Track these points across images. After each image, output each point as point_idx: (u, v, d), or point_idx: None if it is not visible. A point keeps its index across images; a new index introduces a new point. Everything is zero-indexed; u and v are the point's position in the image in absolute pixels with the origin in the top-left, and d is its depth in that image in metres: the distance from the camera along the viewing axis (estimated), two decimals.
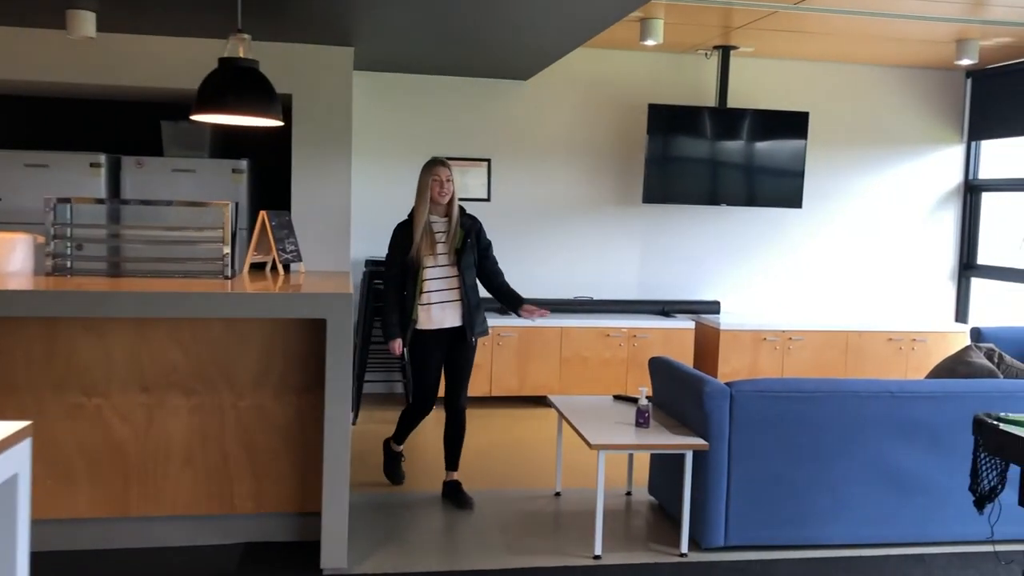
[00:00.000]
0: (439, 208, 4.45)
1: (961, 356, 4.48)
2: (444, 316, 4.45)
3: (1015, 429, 2.74)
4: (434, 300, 4.43)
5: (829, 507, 4.08)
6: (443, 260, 4.44)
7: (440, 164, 4.41)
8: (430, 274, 4.42)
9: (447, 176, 4.40)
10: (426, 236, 4.40)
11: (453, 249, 4.44)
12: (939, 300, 7.99)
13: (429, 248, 4.40)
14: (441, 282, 4.45)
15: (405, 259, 4.41)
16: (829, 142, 7.58)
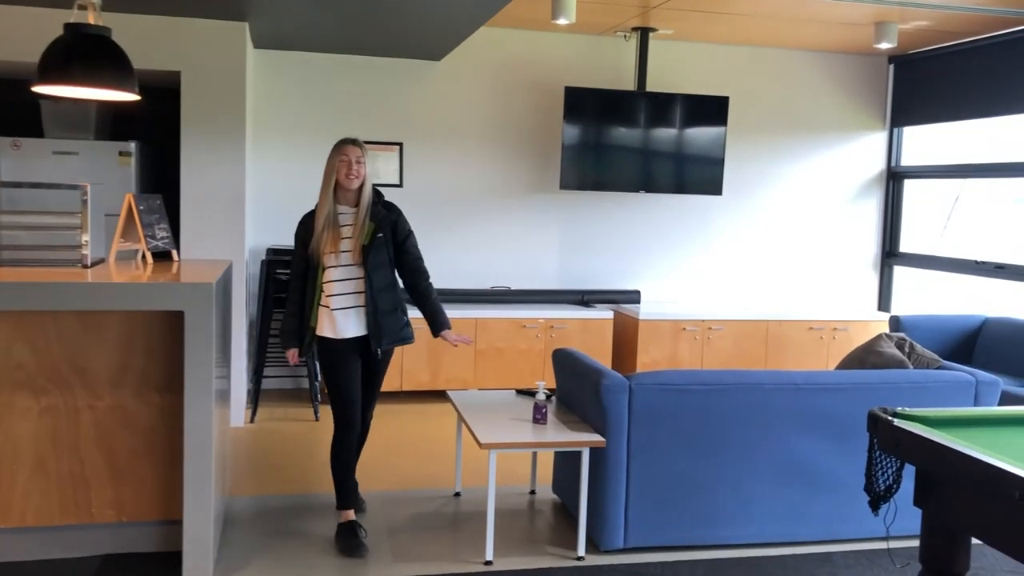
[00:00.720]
0: (348, 195, 3.83)
1: (872, 346, 4.34)
2: (347, 324, 3.84)
3: (910, 425, 2.56)
4: (336, 305, 3.82)
5: (733, 505, 3.90)
6: (347, 259, 3.82)
7: (350, 143, 3.81)
8: (332, 275, 3.82)
9: (357, 156, 3.79)
10: (329, 230, 3.78)
11: (359, 246, 3.81)
12: (861, 289, 7.92)
13: (331, 244, 3.78)
14: (344, 284, 3.83)
15: (306, 257, 3.86)
16: (750, 128, 7.43)
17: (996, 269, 6.70)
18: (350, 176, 3.78)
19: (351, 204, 3.85)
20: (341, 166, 3.78)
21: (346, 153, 3.79)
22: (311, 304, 3.85)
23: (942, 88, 7.18)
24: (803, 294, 7.75)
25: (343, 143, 3.83)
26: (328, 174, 3.81)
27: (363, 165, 3.81)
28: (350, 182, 3.78)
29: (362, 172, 3.80)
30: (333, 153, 3.81)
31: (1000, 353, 6.16)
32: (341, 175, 3.78)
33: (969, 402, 4.10)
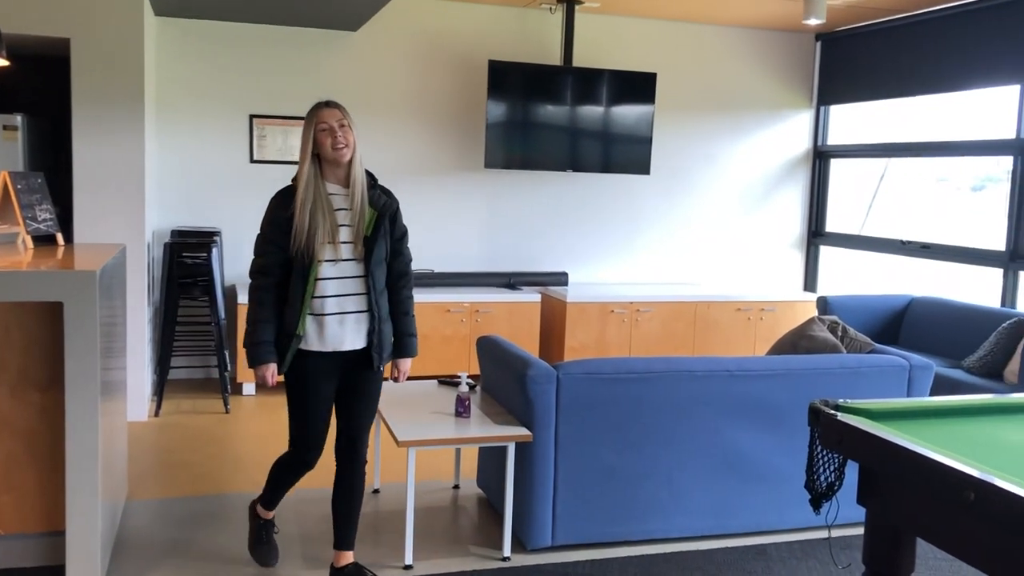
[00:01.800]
0: (337, 172, 3.10)
1: (804, 330, 4.22)
2: (343, 334, 3.11)
3: (853, 419, 2.41)
4: (330, 310, 3.08)
5: (664, 498, 3.73)
6: (347, 252, 3.10)
7: (324, 106, 3.08)
8: (327, 272, 3.07)
9: (339, 120, 3.05)
10: (323, 215, 3.03)
11: (360, 237, 3.10)
12: (788, 269, 7.88)
13: (329, 234, 3.05)
14: (340, 284, 3.09)
15: (286, 246, 3.05)
16: (678, 106, 7.28)
17: (922, 249, 6.70)
18: (338, 146, 3.03)
19: (341, 183, 3.11)
20: (322, 135, 3.04)
21: (324, 119, 3.04)
22: (299, 309, 3.06)
23: (868, 67, 7.14)
24: (731, 275, 7.67)
25: (317, 107, 3.09)
26: (303, 148, 3.07)
27: (350, 130, 3.07)
28: (339, 154, 3.04)
29: (351, 139, 3.06)
30: (307, 123, 3.08)
31: (926, 333, 6.15)
32: (325, 148, 3.04)
33: (903, 386, 4.00)
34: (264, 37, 6.31)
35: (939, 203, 7.78)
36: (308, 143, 3.06)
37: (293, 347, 3.10)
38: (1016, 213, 5.87)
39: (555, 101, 6.64)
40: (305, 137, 3.07)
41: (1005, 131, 5.97)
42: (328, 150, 3.04)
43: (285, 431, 5.20)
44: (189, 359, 6.29)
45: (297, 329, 3.07)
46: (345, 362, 3.19)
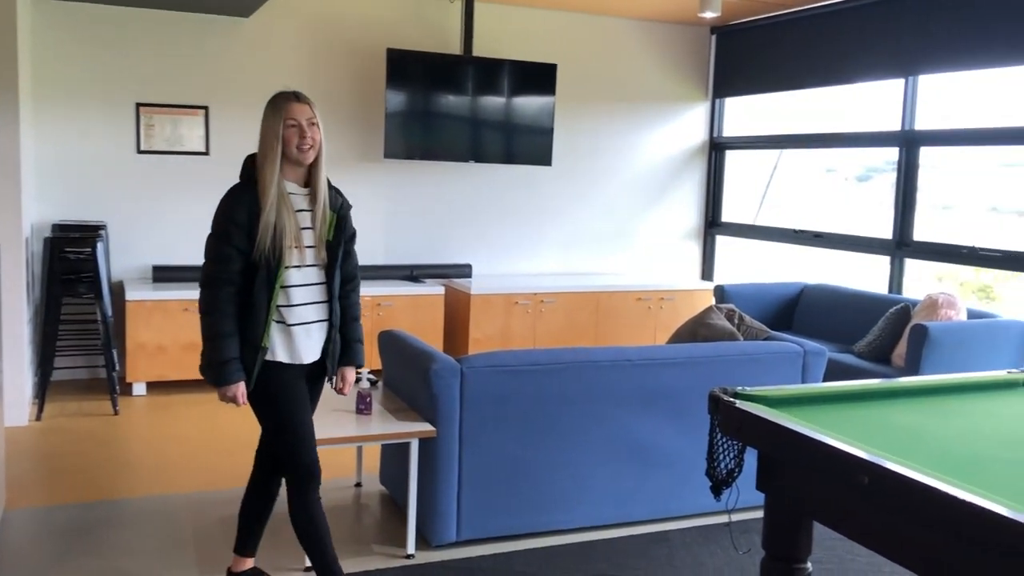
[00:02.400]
0: (297, 172, 2.88)
1: (702, 318, 4.28)
2: (309, 345, 2.90)
3: (752, 406, 2.44)
4: (297, 320, 2.86)
5: (569, 489, 3.73)
6: (310, 258, 2.87)
7: (294, 99, 2.85)
8: (293, 278, 2.84)
9: (309, 118, 2.84)
10: (289, 215, 2.80)
11: (323, 241, 2.90)
12: (686, 258, 8.02)
13: (295, 237, 2.83)
14: (306, 292, 2.87)
15: (249, 251, 2.78)
16: (579, 97, 7.31)
17: (814, 238, 6.91)
18: (304, 147, 2.81)
19: (299, 183, 2.89)
20: (290, 132, 2.80)
21: (294, 115, 2.81)
22: (264, 319, 2.80)
23: (761, 60, 7.31)
24: (632, 265, 7.76)
25: (285, 100, 2.84)
26: (269, 143, 2.80)
27: (318, 128, 2.86)
28: (305, 155, 2.82)
29: (318, 138, 2.85)
30: (272, 115, 2.83)
31: (818, 319, 6.35)
32: (291, 145, 2.80)
33: (798, 371, 4.11)
34: (151, 22, 6.03)
35: (828, 193, 8.05)
36: (276, 139, 2.80)
37: (260, 360, 2.81)
38: (902, 203, 6.10)
39: (456, 91, 6.57)
40: (271, 131, 2.81)
41: (891, 123, 6.19)
42: (293, 149, 2.81)
43: (181, 430, 5.04)
44: (74, 359, 5.98)
45: (263, 341, 2.80)
46: (303, 373, 2.95)
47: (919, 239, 6.03)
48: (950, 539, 1.85)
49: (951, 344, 4.93)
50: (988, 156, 6.09)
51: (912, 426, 2.42)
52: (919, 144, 6.00)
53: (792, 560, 2.45)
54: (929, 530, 1.90)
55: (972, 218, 6.61)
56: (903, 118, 6.08)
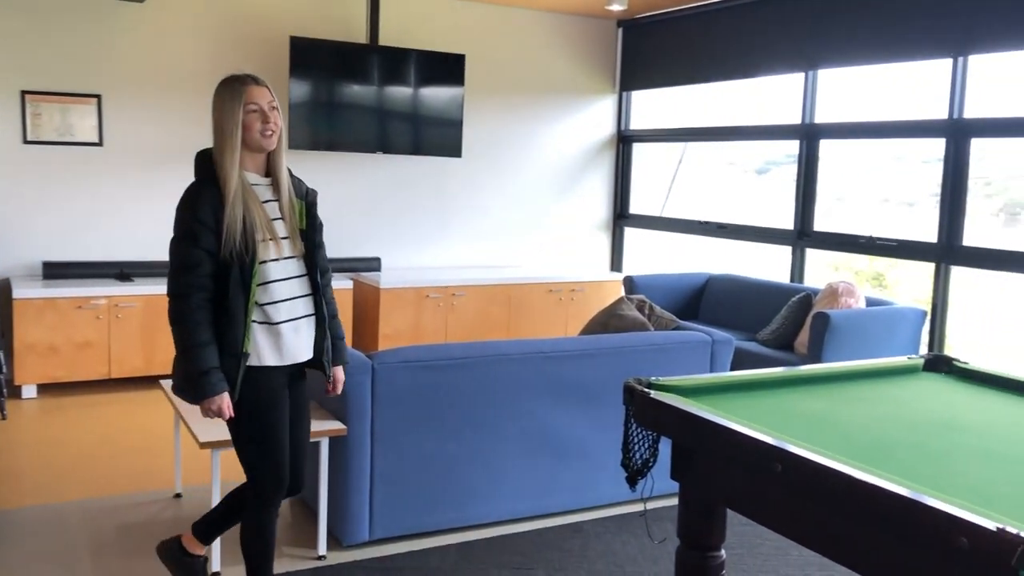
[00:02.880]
0: (255, 159, 2.69)
1: (613, 309, 4.30)
2: (299, 343, 2.71)
3: (665, 396, 2.44)
4: (283, 317, 2.65)
5: (483, 483, 3.70)
6: (288, 250, 2.68)
7: (252, 82, 2.65)
8: (272, 273, 2.63)
9: (269, 102, 2.65)
10: (257, 209, 2.61)
11: (296, 230, 2.72)
12: (596, 249, 8.08)
13: (266, 228, 2.63)
14: (289, 286, 2.67)
15: (217, 250, 2.56)
16: (488, 88, 7.26)
17: (719, 229, 7.04)
18: (267, 133, 2.63)
19: (260, 172, 2.70)
20: (251, 120, 2.61)
21: (254, 99, 2.62)
22: (243, 322, 2.59)
23: (666, 53, 7.40)
24: (543, 257, 7.77)
25: (243, 84, 2.64)
26: (227, 130, 2.60)
27: (279, 112, 2.68)
28: (268, 141, 2.63)
29: (279, 123, 2.67)
30: (230, 99, 2.62)
31: (723, 308, 6.47)
32: (252, 131, 2.61)
33: (706, 360, 4.17)
34: (38, 4, 5.72)
35: (732, 185, 8.22)
36: (236, 126, 2.59)
37: (242, 368, 2.59)
38: (803, 194, 6.27)
39: (362, 81, 6.45)
40: (230, 118, 2.60)
41: (793, 117, 6.34)
42: (255, 136, 2.61)
43: (73, 434, 4.80)
44: None
45: (243, 347, 2.58)
46: (288, 376, 2.75)
47: (819, 230, 6.21)
48: (858, 522, 1.88)
49: (851, 331, 5.09)
50: (881, 149, 6.32)
51: (819, 412, 2.47)
52: (819, 137, 6.17)
53: (706, 548, 2.47)
54: (839, 514, 1.93)
55: (866, 209, 6.85)
56: (803, 112, 6.24)
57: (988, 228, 6.35)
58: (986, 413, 2.55)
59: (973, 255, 5.23)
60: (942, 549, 1.68)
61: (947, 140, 5.26)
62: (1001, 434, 2.34)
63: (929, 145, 5.60)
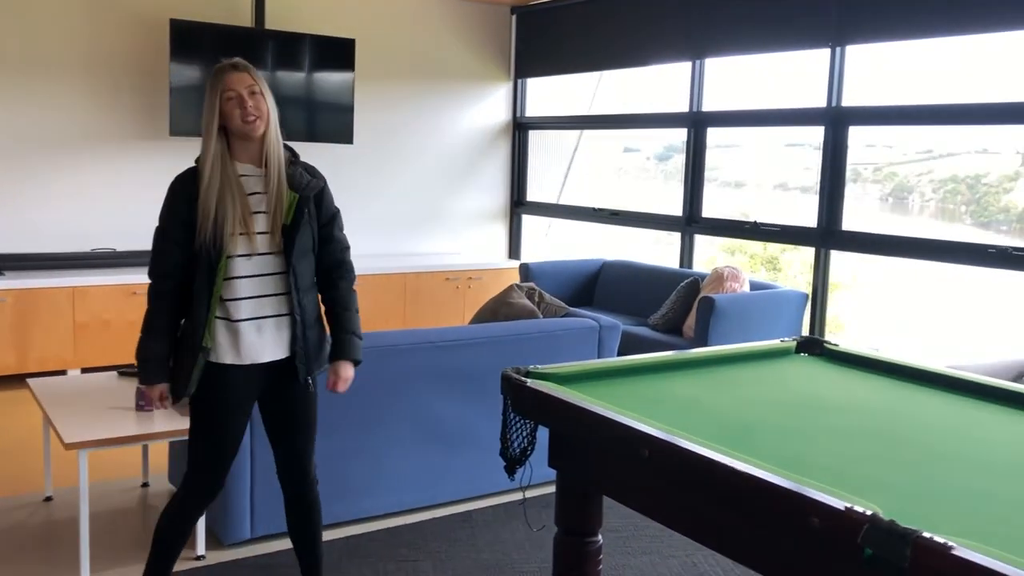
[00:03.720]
0: (249, 149, 2.61)
1: (503, 297, 4.29)
2: (262, 344, 2.62)
3: (542, 385, 2.44)
4: (243, 315, 2.58)
5: (372, 475, 3.65)
6: (263, 244, 2.60)
7: (231, 69, 2.58)
8: (239, 268, 2.57)
9: (249, 86, 2.55)
10: (233, 200, 2.54)
11: (279, 225, 2.62)
12: (494, 237, 8.07)
13: (240, 222, 2.55)
14: (256, 283, 2.60)
15: (188, 241, 2.54)
16: (381, 74, 7.15)
17: (612, 216, 7.12)
18: (248, 118, 2.53)
19: (255, 163, 2.62)
20: (229, 107, 2.54)
21: (231, 86, 2.54)
22: (204, 316, 2.53)
23: (560, 41, 7.43)
24: (439, 245, 7.72)
25: (222, 71, 2.58)
26: (207, 121, 2.57)
27: (262, 97, 2.57)
28: (251, 127, 2.54)
29: (264, 108, 2.57)
30: (210, 88, 2.58)
31: (617, 294, 6.56)
32: (233, 119, 2.54)
33: (594, 346, 4.20)
34: None
35: (633, 172, 8.34)
36: (213, 115, 2.55)
37: (200, 363, 2.54)
38: (691, 180, 6.38)
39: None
40: (208, 108, 2.56)
41: (682, 105, 6.45)
42: (237, 123, 2.54)
43: None
44: None
45: (203, 341, 2.53)
46: (268, 375, 2.66)
47: (707, 215, 6.34)
48: (721, 505, 1.91)
49: (736, 315, 5.22)
50: (779, 136, 6.50)
51: (692, 396, 2.51)
52: (706, 125, 6.29)
53: (583, 534, 2.49)
54: (704, 498, 1.96)
55: (766, 195, 7.04)
56: (691, 100, 6.35)
57: (877, 212, 6.61)
58: (850, 393, 2.63)
59: (851, 239, 5.42)
60: (796, 529, 1.72)
61: (826, 128, 5.43)
62: (863, 414, 2.41)
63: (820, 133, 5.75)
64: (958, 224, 6.38)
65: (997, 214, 6.01)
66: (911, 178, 6.58)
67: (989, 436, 2.26)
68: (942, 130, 5.74)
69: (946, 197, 6.41)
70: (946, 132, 5.83)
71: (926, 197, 6.52)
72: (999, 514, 1.75)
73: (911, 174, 6.59)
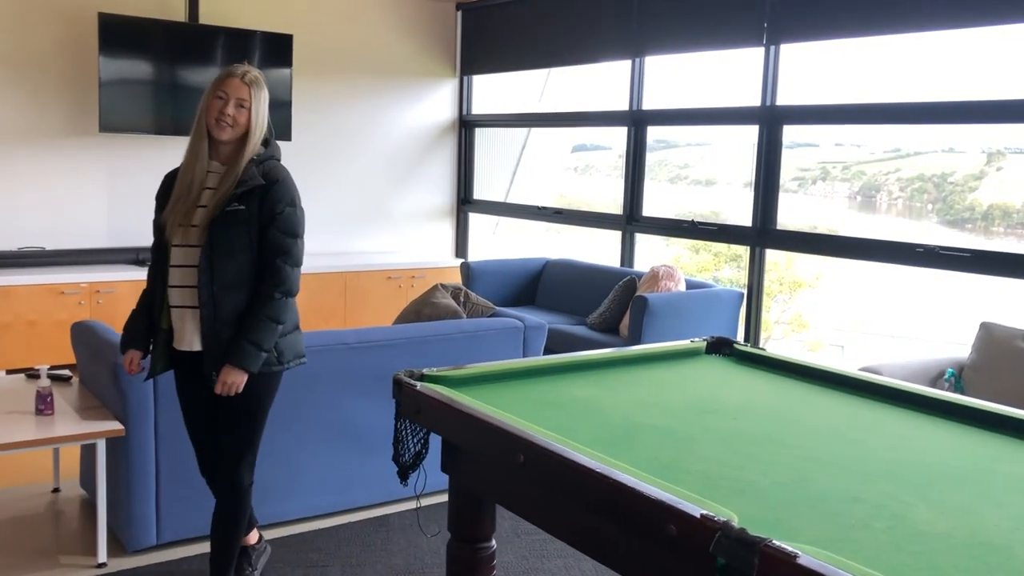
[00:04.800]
0: (223, 149, 2.75)
1: (427, 298, 4.24)
2: (184, 331, 2.77)
3: (432, 389, 2.39)
4: (175, 302, 2.76)
5: (285, 479, 3.58)
6: (194, 237, 2.71)
7: (230, 76, 2.71)
8: (175, 257, 2.74)
9: (240, 98, 2.69)
10: (188, 191, 2.72)
11: (209, 218, 2.71)
12: (440, 235, 8.00)
13: (183, 214, 2.71)
14: (183, 273, 2.73)
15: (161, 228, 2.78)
16: (319, 70, 7.05)
17: (556, 214, 7.08)
18: (221, 121, 2.68)
19: (222, 161, 2.76)
20: (214, 105, 2.69)
21: (224, 88, 2.69)
22: (162, 297, 2.78)
23: (505, 38, 7.37)
24: (384, 244, 7.64)
25: (226, 73, 2.73)
26: (199, 115, 2.72)
27: (247, 111, 2.70)
28: (219, 130, 2.69)
29: (242, 120, 2.70)
30: (211, 86, 2.73)
31: (559, 293, 6.52)
32: (210, 115, 2.69)
33: (519, 346, 4.16)
34: None
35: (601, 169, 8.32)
36: (204, 110, 2.72)
37: (160, 342, 2.80)
38: (631, 179, 6.36)
39: (181, 60, 6.15)
40: (203, 103, 2.73)
41: (622, 103, 6.42)
42: (211, 120, 2.69)
43: None
44: None
45: (161, 322, 2.78)
46: (195, 365, 2.78)
47: (648, 215, 6.32)
48: (592, 512, 1.88)
49: (669, 314, 5.20)
50: (749, 135, 6.49)
51: (585, 399, 2.47)
52: (646, 124, 6.28)
53: (475, 540, 2.45)
54: (577, 505, 1.92)
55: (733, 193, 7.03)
56: (631, 98, 6.33)
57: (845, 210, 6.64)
58: (746, 395, 2.61)
59: (784, 238, 5.43)
60: (657, 536, 1.68)
61: (760, 127, 5.43)
62: (753, 416, 2.39)
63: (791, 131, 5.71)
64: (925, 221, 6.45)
65: (963, 212, 6.07)
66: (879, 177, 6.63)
67: (868, 438, 2.25)
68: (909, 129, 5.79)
69: (913, 195, 6.46)
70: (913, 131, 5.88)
71: (894, 196, 6.57)
72: (862, 518, 1.73)
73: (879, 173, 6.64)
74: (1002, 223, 5.93)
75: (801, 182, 7.00)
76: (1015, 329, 3.99)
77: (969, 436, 2.28)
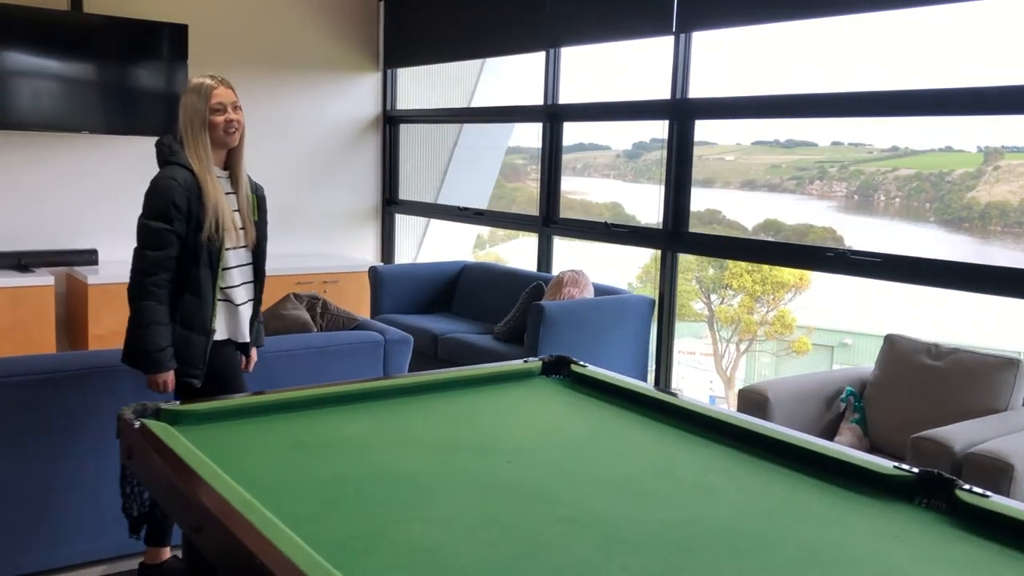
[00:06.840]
0: (219, 156, 2.94)
1: (275, 309, 3.85)
2: (245, 324, 3.10)
3: (153, 429, 1.99)
4: (241, 299, 3.05)
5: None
6: (243, 239, 3.04)
7: (220, 84, 2.85)
8: (232, 259, 2.98)
9: (235, 102, 2.88)
10: (221, 199, 2.91)
11: (251, 222, 3.06)
12: (364, 238, 7.61)
13: (230, 218, 2.95)
14: (242, 273, 3.06)
15: (185, 234, 2.83)
16: (221, 63, 6.60)
17: (476, 215, 6.70)
18: (231, 131, 2.86)
19: (220, 166, 2.97)
20: (215, 116, 2.81)
21: (220, 99, 2.82)
22: (212, 301, 2.90)
23: (426, 30, 6.98)
24: (300, 247, 7.24)
25: (210, 86, 2.82)
26: (195, 127, 2.83)
27: (242, 112, 2.93)
28: (231, 138, 2.88)
29: (243, 122, 2.93)
30: (196, 98, 2.82)
31: (475, 298, 6.13)
32: (216, 131, 2.82)
33: (378, 363, 3.78)
34: None
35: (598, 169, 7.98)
36: (204, 123, 2.82)
37: (210, 344, 2.90)
38: (548, 179, 5.97)
39: (65, 52, 5.74)
40: (197, 116, 2.82)
41: (538, 98, 6.04)
42: (220, 133, 2.85)
43: None
44: None
45: (212, 324, 2.91)
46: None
47: (564, 216, 5.93)
48: None
49: (570, 323, 4.82)
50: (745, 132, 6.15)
51: (352, 438, 2.10)
52: (562, 119, 5.89)
53: None
54: None
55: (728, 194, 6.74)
56: (546, 93, 5.94)
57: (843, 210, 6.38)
58: (548, 429, 2.23)
59: (695, 242, 5.05)
60: None
61: (671, 121, 5.04)
62: (536, 459, 2.01)
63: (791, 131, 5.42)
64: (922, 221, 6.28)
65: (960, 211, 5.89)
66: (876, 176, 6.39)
67: (663, 488, 1.86)
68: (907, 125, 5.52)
69: (911, 195, 6.26)
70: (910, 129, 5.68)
71: (891, 195, 6.35)
72: None
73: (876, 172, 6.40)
74: (999, 222, 5.86)
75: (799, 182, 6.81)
76: (919, 342, 3.61)
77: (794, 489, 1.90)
